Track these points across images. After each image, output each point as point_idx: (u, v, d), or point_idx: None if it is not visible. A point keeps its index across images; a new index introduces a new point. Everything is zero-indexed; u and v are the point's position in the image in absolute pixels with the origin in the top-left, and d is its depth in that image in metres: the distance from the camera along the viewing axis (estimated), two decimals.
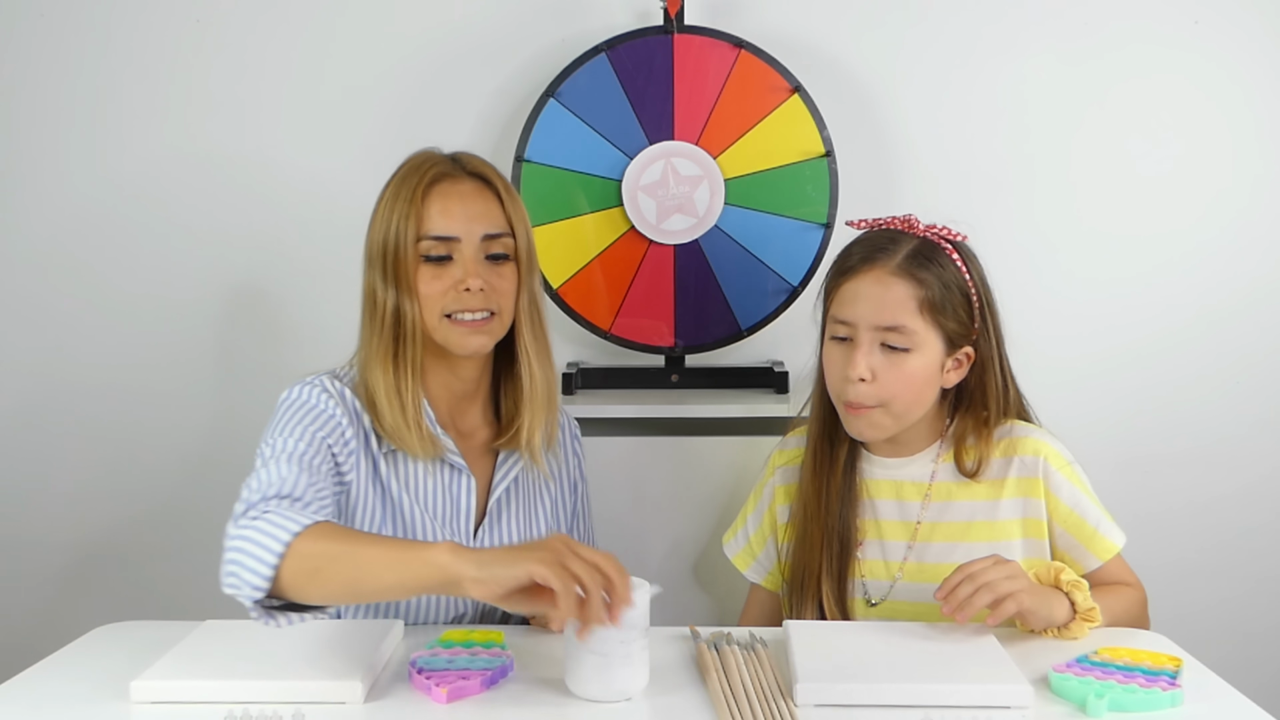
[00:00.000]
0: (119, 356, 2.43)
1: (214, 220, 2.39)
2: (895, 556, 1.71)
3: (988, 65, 2.36)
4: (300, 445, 1.51)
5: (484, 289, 1.60)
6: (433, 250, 1.60)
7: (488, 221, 1.62)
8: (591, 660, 1.30)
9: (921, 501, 1.71)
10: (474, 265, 1.60)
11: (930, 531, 1.70)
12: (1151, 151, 2.36)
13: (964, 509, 1.70)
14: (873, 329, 1.63)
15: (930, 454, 1.73)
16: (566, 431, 1.85)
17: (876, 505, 1.74)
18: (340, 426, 1.57)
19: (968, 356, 1.69)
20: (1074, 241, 2.38)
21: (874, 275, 1.64)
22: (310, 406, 1.57)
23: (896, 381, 1.63)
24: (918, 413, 1.68)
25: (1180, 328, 2.38)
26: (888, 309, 1.62)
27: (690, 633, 1.55)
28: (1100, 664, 1.40)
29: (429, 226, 1.59)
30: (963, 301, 1.66)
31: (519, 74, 2.37)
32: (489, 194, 1.64)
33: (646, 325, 2.27)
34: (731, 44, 2.22)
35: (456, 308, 1.60)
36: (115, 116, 2.40)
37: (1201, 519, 2.39)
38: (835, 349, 1.68)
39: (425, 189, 1.60)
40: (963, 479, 1.70)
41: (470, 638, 1.50)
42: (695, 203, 2.23)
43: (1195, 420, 2.40)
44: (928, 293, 1.63)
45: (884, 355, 1.63)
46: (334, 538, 1.31)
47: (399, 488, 1.63)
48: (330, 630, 1.50)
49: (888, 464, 1.74)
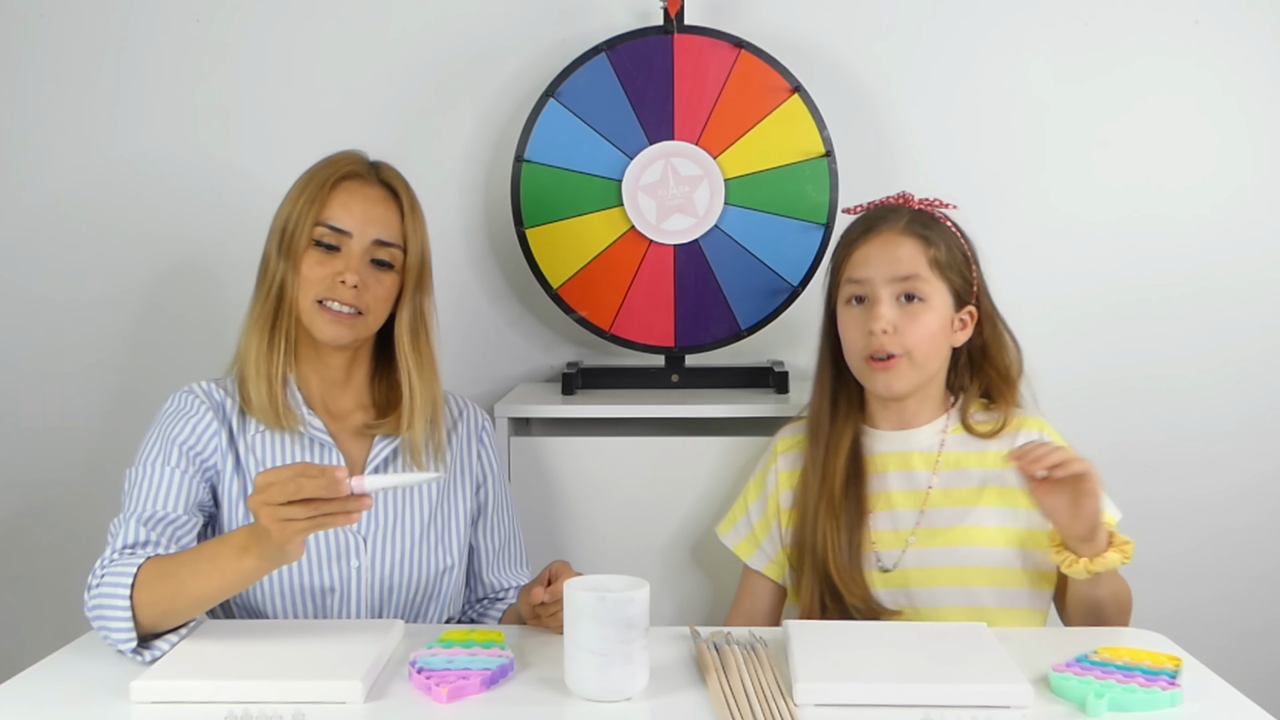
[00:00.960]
0: (120, 359, 2.43)
1: (215, 225, 2.40)
2: (906, 525, 1.74)
3: (989, 65, 2.36)
4: (159, 468, 1.62)
5: (358, 286, 1.66)
6: (324, 238, 1.68)
7: (382, 227, 1.69)
8: (591, 660, 1.30)
9: (931, 470, 1.76)
10: (356, 263, 1.67)
11: (942, 498, 1.74)
12: (1156, 153, 2.36)
13: (976, 475, 1.74)
14: (890, 282, 1.71)
15: (938, 425, 1.79)
16: (469, 423, 1.86)
17: (886, 478, 1.78)
18: (200, 427, 1.67)
19: (971, 315, 1.77)
20: (1077, 242, 2.38)
21: (884, 236, 1.74)
22: (176, 416, 1.68)
23: (915, 331, 1.71)
24: (934, 366, 1.75)
25: (1179, 328, 2.38)
26: (902, 262, 1.72)
27: (690, 632, 1.55)
28: (1100, 663, 1.40)
29: (327, 215, 1.68)
30: (963, 261, 1.76)
31: (519, 74, 2.37)
32: (392, 204, 1.71)
33: (646, 325, 2.28)
34: (731, 44, 2.22)
35: (328, 295, 1.67)
36: (109, 120, 2.40)
37: (1201, 516, 2.39)
38: (852, 312, 1.75)
39: (335, 181, 1.69)
40: (973, 448, 1.76)
41: (470, 637, 1.50)
42: (695, 203, 2.23)
43: (1194, 418, 2.40)
44: (935, 250, 1.73)
45: (901, 308, 1.71)
46: (160, 577, 1.45)
47: (256, 464, 1.69)
48: (330, 630, 1.50)
49: (893, 438, 1.79)
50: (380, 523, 1.71)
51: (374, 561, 1.69)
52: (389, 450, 1.73)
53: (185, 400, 1.70)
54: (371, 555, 1.69)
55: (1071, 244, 2.38)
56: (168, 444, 1.65)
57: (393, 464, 1.74)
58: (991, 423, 1.78)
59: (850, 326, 1.75)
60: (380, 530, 1.71)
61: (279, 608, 1.65)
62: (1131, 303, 2.38)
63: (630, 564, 2.09)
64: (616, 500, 2.11)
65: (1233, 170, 2.36)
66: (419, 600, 1.73)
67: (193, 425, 1.67)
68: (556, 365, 2.44)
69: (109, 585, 1.46)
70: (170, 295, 2.43)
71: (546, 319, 2.42)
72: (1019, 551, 1.70)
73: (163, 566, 1.46)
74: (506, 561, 1.87)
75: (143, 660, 1.44)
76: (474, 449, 1.84)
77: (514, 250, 2.33)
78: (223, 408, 1.70)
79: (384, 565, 1.70)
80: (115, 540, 1.55)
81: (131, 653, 1.44)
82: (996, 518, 1.72)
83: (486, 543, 1.85)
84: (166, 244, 2.42)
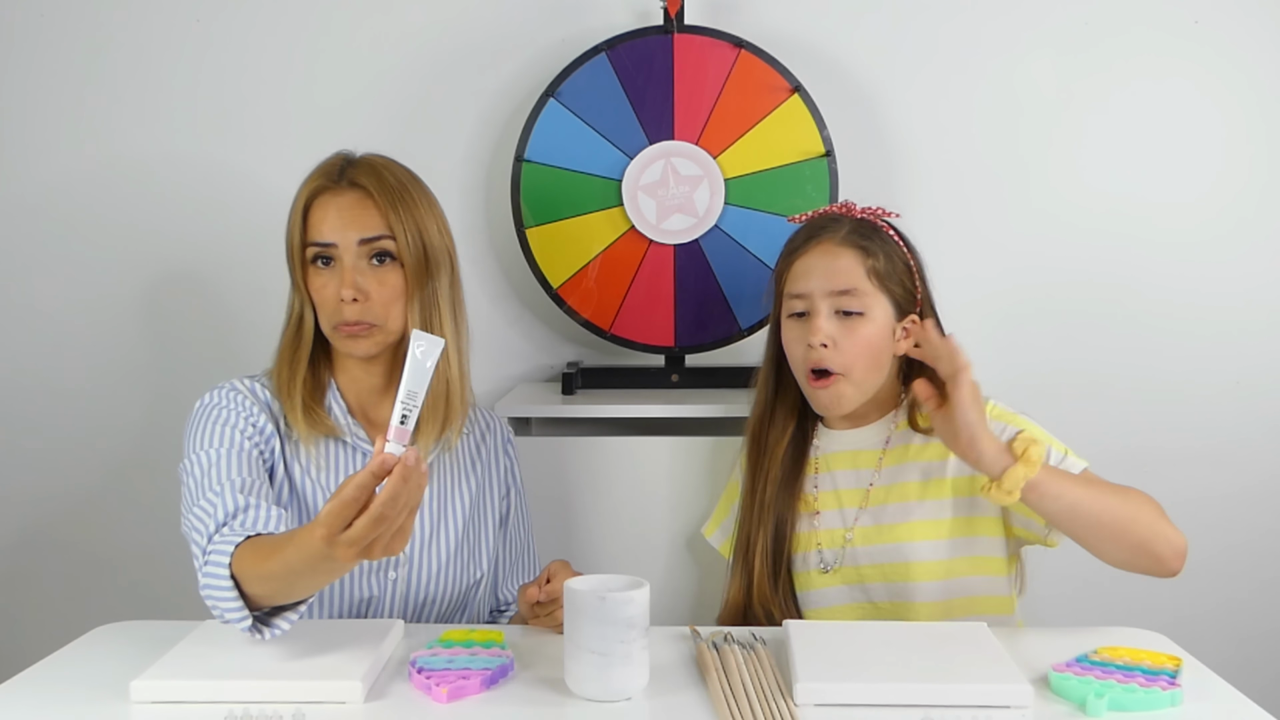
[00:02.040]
0: (119, 359, 2.44)
1: (215, 225, 2.40)
2: (850, 521, 1.76)
3: (989, 64, 2.36)
4: (220, 450, 1.58)
5: (357, 299, 1.63)
6: (317, 255, 1.66)
7: (362, 226, 1.65)
8: (591, 660, 1.30)
9: (875, 467, 1.77)
10: (350, 274, 1.63)
11: (884, 494, 1.75)
12: (1156, 151, 2.36)
13: (917, 469, 1.74)
14: (827, 295, 1.71)
15: (886, 421, 1.79)
16: (498, 435, 1.87)
17: (835, 476, 1.79)
18: (252, 416, 1.64)
19: (915, 322, 1.75)
20: (1077, 242, 2.38)
21: (822, 248, 1.74)
22: (221, 407, 1.64)
23: (854, 347, 1.70)
24: (876, 380, 1.74)
25: (1185, 328, 2.38)
26: (839, 275, 1.71)
27: (690, 632, 1.55)
28: (1100, 663, 1.40)
29: (311, 234, 1.66)
30: (904, 270, 1.75)
31: (519, 74, 2.37)
32: (368, 201, 1.66)
33: (645, 325, 2.28)
34: (731, 44, 2.22)
35: (338, 319, 1.65)
36: (106, 121, 2.41)
37: (1203, 518, 2.39)
38: (794, 326, 1.75)
39: (308, 199, 1.67)
40: (916, 441, 1.76)
41: (470, 637, 1.50)
42: (695, 202, 2.24)
43: (1199, 420, 2.40)
44: (874, 260, 1.72)
45: (840, 322, 1.71)
46: (255, 561, 1.36)
47: (309, 481, 1.66)
48: (330, 630, 1.50)
49: (843, 437, 1.80)
50: (417, 534, 1.70)
51: (411, 574, 1.69)
52: (431, 458, 1.72)
53: (227, 396, 1.65)
54: (409, 568, 1.69)
55: (1074, 245, 2.38)
56: (221, 428, 1.60)
57: (438, 463, 1.74)
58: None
59: (792, 340, 1.75)
60: (417, 542, 1.70)
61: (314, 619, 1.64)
62: (1135, 305, 2.38)
63: (630, 564, 2.09)
64: (616, 500, 2.11)
65: (1241, 169, 2.36)
66: (451, 612, 1.74)
67: (243, 415, 1.63)
68: (556, 365, 2.45)
69: (213, 566, 1.40)
70: (168, 299, 2.43)
71: (547, 319, 2.42)
72: (964, 540, 1.71)
73: (255, 551, 1.38)
74: (520, 573, 1.87)
75: (261, 638, 1.40)
76: (502, 461, 1.85)
77: (514, 250, 2.33)
78: (269, 406, 1.67)
79: (421, 578, 1.69)
80: (212, 516, 1.48)
81: (249, 630, 1.38)
82: (937, 510, 1.72)
83: (504, 554, 1.85)
84: (163, 247, 2.42)
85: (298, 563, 1.30)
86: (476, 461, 1.80)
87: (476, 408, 1.86)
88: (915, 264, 1.77)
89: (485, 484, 1.81)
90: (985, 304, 2.38)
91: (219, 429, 1.60)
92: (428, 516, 1.72)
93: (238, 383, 1.68)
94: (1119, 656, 1.42)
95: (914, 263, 1.77)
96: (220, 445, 1.58)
